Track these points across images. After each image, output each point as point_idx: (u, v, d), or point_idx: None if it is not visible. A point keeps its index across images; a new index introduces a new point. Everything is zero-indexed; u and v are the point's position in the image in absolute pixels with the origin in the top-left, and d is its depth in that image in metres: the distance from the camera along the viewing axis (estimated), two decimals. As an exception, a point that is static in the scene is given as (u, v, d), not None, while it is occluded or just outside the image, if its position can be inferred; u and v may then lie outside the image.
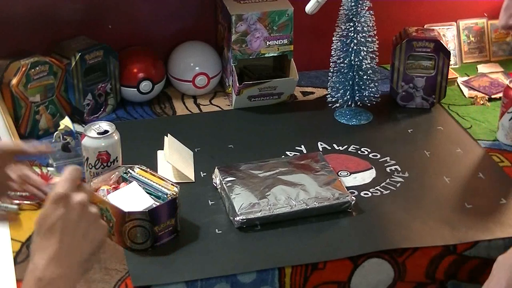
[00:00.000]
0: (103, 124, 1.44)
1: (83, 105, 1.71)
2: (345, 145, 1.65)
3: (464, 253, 1.37)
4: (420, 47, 1.75)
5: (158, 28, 1.86)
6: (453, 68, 1.97)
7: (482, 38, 2.03)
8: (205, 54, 1.84)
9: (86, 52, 1.68)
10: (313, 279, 1.32)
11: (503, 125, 1.66)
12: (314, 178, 1.46)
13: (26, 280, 0.96)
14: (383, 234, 1.38)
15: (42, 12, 1.75)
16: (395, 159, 1.60)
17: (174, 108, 1.81)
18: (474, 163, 1.61)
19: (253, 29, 1.74)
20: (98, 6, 1.80)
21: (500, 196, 1.49)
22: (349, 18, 1.66)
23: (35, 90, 1.63)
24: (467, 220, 1.42)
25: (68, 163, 1.53)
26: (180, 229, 1.36)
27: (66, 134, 1.56)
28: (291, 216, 1.40)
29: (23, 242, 1.34)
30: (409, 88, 1.79)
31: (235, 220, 1.38)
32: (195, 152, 1.61)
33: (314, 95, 1.87)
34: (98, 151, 1.40)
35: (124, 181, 1.40)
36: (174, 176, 1.51)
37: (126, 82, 1.78)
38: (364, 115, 1.76)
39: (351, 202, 1.43)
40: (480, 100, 1.84)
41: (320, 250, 1.34)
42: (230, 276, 1.28)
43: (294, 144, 1.65)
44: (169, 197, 1.34)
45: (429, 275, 1.37)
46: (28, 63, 1.60)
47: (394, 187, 1.51)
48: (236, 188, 1.43)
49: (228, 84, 1.82)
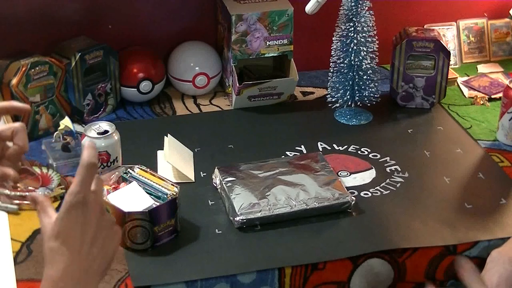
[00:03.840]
0: (103, 124, 1.44)
1: (83, 105, 1.71)
2: (345, 145, 1.65)
3: (464, 253, 1.37)
4: (420, 47, 1.75)
5: (158, 28, 1.87)
6: (453, 68, 1.97)
7: (482, 38, 2.03)
8: (205, 54, 1.84)
9: (86, 52, 1.68)
10: (313, 279, 1.32)
11: (503, 125, 1.66)
12: (314, 178, 1.46)
13: (43, 287, 0.95)
14: (383, 234, 1.38)
15: (42, 12, 1.75)
16: (395, 159, 1.60)
17: (174, 108, 1.81)
18: (474, 163, 1.61)
19: (253, 29, 1.74)
20: (98, 6, 1.80)
21: (500, 196, 1.49)
22: (349, 18, 1.66)
23: (35, 90, 1.63)
24: (467, 220, 1.42)
25: (68, 163, 1.53)
26: (180, 229, 1.36)
27: (66, 134, 1.56)
28: (291, 216, 1.40)
29: (23, 242, 1.34)
30: (409, 88, 1.79)
31: (235, 220, 1.38)
32: (195, 152, 1.61)
33: (314, 95, 1.87)
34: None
35: (124, 181, 1.40)
36: (174, 176, 1.51)
37: (126, 82, 1.78)
38: (364, 115, 1.76)
39: (351, 202, 1.43)
40: (480, 100, 1.84)
41: (320, 250, 1.34)
42: (230, 276, 1.28)
43: (294, 144, 1.65)
44: (169, 197, 1.34)
45: (429, 275, 1.37)
46: (28, 63, 1.60)
47: (394, 187, 1.51)
48: (236, 188, 1.43)
49: (228, 84, 1.82)
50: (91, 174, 0.96)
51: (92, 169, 0.96)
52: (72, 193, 0.95)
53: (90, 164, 0.96)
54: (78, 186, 0.95)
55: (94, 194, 0.98)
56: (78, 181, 0.96)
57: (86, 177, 0.96)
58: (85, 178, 0.96)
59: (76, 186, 0.96)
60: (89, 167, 0.96)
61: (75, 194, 0.95)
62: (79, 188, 0.95)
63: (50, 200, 1.03)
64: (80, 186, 0.95)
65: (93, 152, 0.97)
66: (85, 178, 0.96)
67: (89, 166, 0.96)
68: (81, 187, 0.95)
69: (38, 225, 1.36)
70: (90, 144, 0.97)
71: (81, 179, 0.96)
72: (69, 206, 0.95)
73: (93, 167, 0.96)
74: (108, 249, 0.99)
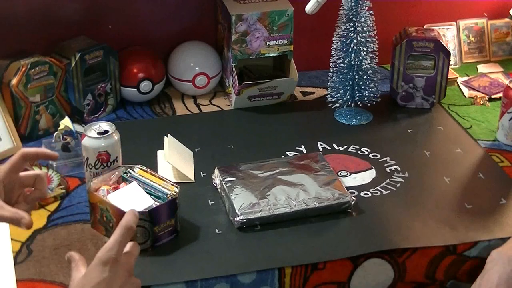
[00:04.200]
0: (103, 124, 1.44)
1: (83, 105, 1.71)
2: (345, 145, 1.65)
3: (464, 253, 1.37)
4: (420, 47, 1.75)
5: (158, 28, 1.87)
6: (453, 68, 1.97)
7: (482, 38, 2.04)
8: (205, 54, 1.84)
9: (86, 52, 1.68)
10: (313, 279, 1.32)
11: (503, 125, 1.66)
12: (314, 178, 1.46)
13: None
14: (383, 234, 1.38)
15: (42, 12, 1.75)
16: (395, 159, 1.60)
17: (174, 108, 1.81)
18: (474, 163, 1.61)
19: (253, 29, 1.74)
20: (98, 6, 1.80)
21: (500, 196, 1.49)
22: (349, 18, 1.66)
23: (35, 90, 1.63)
24: (467, 220, 1.42)
25: (68, 163, 1.53)
26: (180, 229, 1.36)
27: (66, 134, 1.56)
28: (291, 216, 1.40)
29: (23, 242, 1.34)
30: (409, 88, 1.79)
31: (235, 220, 1.38)
32: (195, 152, 1.61)
33: (314, 95, 1.87)
34: (98, 151, 1.40)
35: (124, 181, 1.40)
36: (174, 176, 1.51)
37: (126, 82, 1.78)
38: (364, 115, 1.76)
39: (351, 202, 1.43)
40: (480, 100, 1.84)
41: (320, 250, 1.34)
42: (230, 276, 1.28)
43: (294, 144, 1.65)
44: (169, 197, 1.34)
45: (429, 275, 1.38)
46: (28, 63, 1.60)
47: (394, 187, 1.51)
48: (236, 188, 1.43)
49: (228, 84, 1.82)
50: (127, 237, 1.02)
51: (128, 232, 1.02)
52: (105, 250, 1.00)
53: (128, 227, 1.02)
54: (111, 244, 1.00)
55: (126, 256, 1.02)
56: (113, 240, 1.00)
57: (122, 238, 1.01)
58: (120, 239, 1.01)
59: (110, 244, 1.00)
60: (126, 229, 1.02)
61: (107, 251, 0.99)
62: (112, 246, 1.00)
63: (84, 259, 1.07)
64: (113, 244, 1.00)
65: (134, 218, 1.03)
66: (120, 239, 1.01)
67: (127, 229, 1.02)
68: (114, 246, 1.00)
69: (38, 225, 1.37)
70: (133, 212, 1.04)
71: (116, 239, 1.00)
72: (99, 261, 0.99)
73: (131, 230, 1.02)
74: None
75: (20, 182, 1.20)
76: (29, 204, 1.21)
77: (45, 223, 1.38)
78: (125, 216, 1.03)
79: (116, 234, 1.01)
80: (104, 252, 1.00)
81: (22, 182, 1.20)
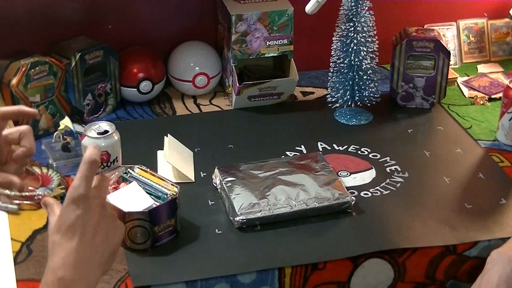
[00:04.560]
0: (103, 124, 1.44)
1: (83, 105, 1.71)
2: (345, 145, 1.65)
3: (464, 253, 1.37)
4: (420, 47, 1.75)
5: (158, 28, 1.87)
6: (453, 68, 1.97)
7: (482, 38, 2.03)
8: (205, 54, 1.84)
9: (86, 52, 1.68)
10: (313, 279, 1.32)
11: (503, 125, 1.66)
12: (314, 178, 1.46)
13: (46, 278, 0.96)
14: (383, 234, 1.38)
15: (42, 12, 1.75)
16: (395, 159, 1.60)
17: (174, 108, 1.81)
18: (474, 163, 1.61)
19: (253, 29, 1.74)
20: (98, 6, 1.80)
21: (500, 196, 1.49)
22: (349, 18, 1.66)
23: (35, 90, 1.63)
24: (467, 220, 1.42)
25: (68, 163, 1.53)
26: (180, 229, 1.36)
27: (66, 134, 1.56)
28: (291, 216, 1.40)
29: (23, 242, 1.34)
30: (409, 88, 1.79)
31: (235, 220, 1.38)
32: (195, 152, 1.61)
33: (314, 95, 1.87)
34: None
35: (124, 181, 1.40)
36: (174, 176, 1.51)
37: (126, 82, 1.78)
38: (364, 115, 1.76)
39: (351, 202, 1.43)
40: (480, 100, 1.84)
41: (320, 250, 1.34)
42: (230, 276, 1.28)
43: (294, 144, 1.65)
44: (169, 197, 1.34)
45: (429, 275, 1.38)
46: (28, 63, 1.60)
47: (394, 187, 1.51)
48: (236, 188, 1.43)
49: (228, 84, 1.82)
50: (93, 171, 0.98)
51: (93, 166, 0.98)
52: (73, 188, 0.97)
53: (92, 160, 0.98)
54: (78, 181, 0.97)
55: (96, 190, 0.99)
56: (79, 176, 0.97)
57: (87, 173, 0.97)
58: (86, 174, 0.97)
59: (77, 180, 0.97)
60: (90, 163, 0.97)
61: (75, 189, 0.97)
62: (79, 182, 0.97)
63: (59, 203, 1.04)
64: (80, 181, 0.97)
65: (95, 151, 0.99)
66: (86, 173, 0.97)
67: (91, 163, 0.97)
68: (81, 182, 0.97)
69: (38, 225, 1.37)
70: (94, 145, 1.00)
71: (81, 175, 0.97)
72: (69, 200, 0.97)
73: (94, 163, 0.98)
74: (112, 239, 1.00)
75: (5, 141, 1.13)
76: (17, 163, 1.14)
77: (45, 223, 1.38)
78: (87, 151, 0.99)
79: (81, 171, 0.97)
80: (72, 191, 0.97)
81: (7, 141, 1.13)
